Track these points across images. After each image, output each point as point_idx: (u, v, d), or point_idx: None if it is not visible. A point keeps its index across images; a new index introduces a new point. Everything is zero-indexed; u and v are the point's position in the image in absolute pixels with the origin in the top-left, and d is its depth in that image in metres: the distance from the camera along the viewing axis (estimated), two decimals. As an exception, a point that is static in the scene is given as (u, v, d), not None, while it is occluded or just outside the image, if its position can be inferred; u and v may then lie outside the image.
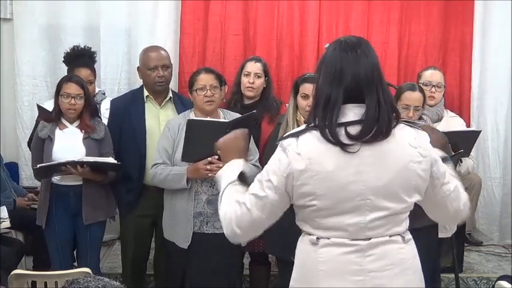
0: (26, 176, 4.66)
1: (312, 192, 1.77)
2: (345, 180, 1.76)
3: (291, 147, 1.78)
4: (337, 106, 1.77)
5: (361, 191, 1.77)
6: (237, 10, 4.79)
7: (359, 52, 1.80)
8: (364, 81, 1.78)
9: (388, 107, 1.79)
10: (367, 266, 1.80)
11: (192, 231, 3.08)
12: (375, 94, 1.78)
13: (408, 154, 1.80)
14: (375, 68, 1.81)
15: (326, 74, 1.83)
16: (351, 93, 1.78)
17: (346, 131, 1.75)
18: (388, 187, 1.78)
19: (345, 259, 1.80)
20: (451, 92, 4.72)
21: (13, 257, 3.71)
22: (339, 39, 1.88)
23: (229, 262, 3.14)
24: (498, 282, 2.93)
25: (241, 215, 1.81)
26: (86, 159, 3.19)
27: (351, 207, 1.78)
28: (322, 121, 1.78)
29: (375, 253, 1.81)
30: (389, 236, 1.83)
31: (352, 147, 1.75)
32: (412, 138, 1.82)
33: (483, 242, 4.82)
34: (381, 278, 1.81)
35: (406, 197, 1.82)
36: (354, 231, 1.80)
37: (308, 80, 3.14)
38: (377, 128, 1.75)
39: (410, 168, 1.79)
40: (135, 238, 3.55)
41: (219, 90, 3.15)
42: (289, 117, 3.16)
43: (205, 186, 3.10)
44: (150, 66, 3.47)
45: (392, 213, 1.81)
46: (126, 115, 3.50)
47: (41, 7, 4.70)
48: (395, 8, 4.90)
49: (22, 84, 4.72)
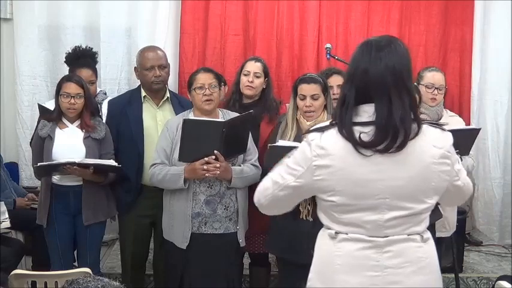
0: (26, 176, 4.66)
1: (332, 187, 1.81)
2: (364, 178, 1.79)
3: (315, 142, 1.82)
4: (350, 105, 1.80)
5: (380, 189, 1.79)
6: (237, 10, 4.79)
7: (374, 54, 1.80)
8: (373, 82, 1.78)
9: (405, 112, 1.76)
10: (384, 262, 1.82)
11: (191, 232, 3.08)
12: (386, 97, 1.77)
13: (431, 155, 1.81)
14: (392, 71, 1.78)
15: (346, 74, 1.90)
16: (363, 93, 1.80)
17: (359, 137, 1.76)
18: (408, 188, 1.80)
19: (362, 254, 1.83)
20: (451, 92, 4.71)
21: (13, 257, 3.71)
22: (367, 39, 1.90)
23: (228, 262, 3.15)
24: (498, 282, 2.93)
25: (266, 188, 1.93)
26: (87, 161, 3.19)
27: (369, 205, 1.80)
28: (339, 119, 1.82)
29: (392, 250, 1.83)
30: (408, 235, 1.85)
31: (365, 151, 1.77)
32: (436, 140, 1.83)
33: (483, 242, 4.83)
34: (397, 274, 1.83)
35: (426, 198, 1.83)
36: (371, 228, 1.82)
37: (305, 80, 3.14)
38: (390, 140, 1.75)
39: (432, 170, 1.81)
40: (134, 238, 3.55)
41: (217, 90, 3.16)
42: (289, 117, 3.17)
43: (204, 187, 3.10)
44: (146, 66, 3.47)
45: (411, 214, 1.83)
46: (123, 115, 3.49)
47: (41, 7, 4.70)
48: (395, 8, 4.90)
49: (22, 84, 4.72)
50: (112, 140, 3.41)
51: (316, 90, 3.11)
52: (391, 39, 1.87)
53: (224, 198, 3.12)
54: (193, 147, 2.97)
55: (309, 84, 3.11)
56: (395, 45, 1.83)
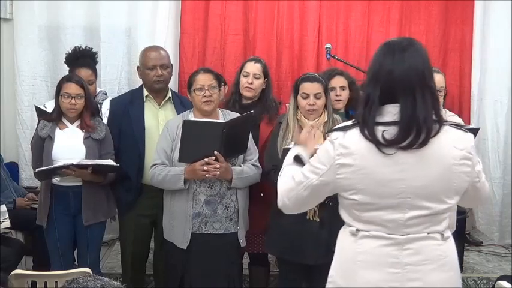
0: (26, 176, 4.66)
1: (354, 186, 1.84)
2: (386, 178, 1.81)
3: (338, 141, 1.85)
4: (374, 105, 1.83)
5: (402, 189, 1.82)
6: (237, 10, 4.80)
7: (398, 54, 1.84)
8: (398, 83, 1.81)
9: (428, 111, 1.81)
10: (404, 259, 1.86)
11: (191, 232, 3.08)
12: (411, 96, 1.80)
13: (452, 156, 1.84)
14: (415, 71, 1.82)
15: (368, 75, 1.91)
16: (387, 93, 1.82)
17: (382, 135, 1.79)
18: (429, 188, 1.83)
19: (383, 251, 1.86)
20: (451, 92, 4.71)
21: (13, 257, 3.71)
22: (387, 41, 1.94)
23: (228, 262, 3.15)
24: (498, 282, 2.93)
25: (290, 189, 1.96)
26: (85, 162, 3.18)
27: (391, 204, 1.83)
28: (362, 119, 1.84)
29: (412, 247, 1.86)
30: (428, 233, 1.88)
31: (389, 149, 1.80)
32: (457, 141, 1.86)
33: (483, 242, 4.83)
34: (417, 272, 1.86)
35: (447, 199, 1.86)
36: (392, 227, 1.85)
37: (308, 79, 3.13)
38: (414, 137, 1.78)
39: (454, 171, 1.84)
40: (134, 238, 3.54)
41: (217, 90, 3.15)
42: (290, 117, 3.16)
43: (204, 187, 3.10)
44: (149, 66, 3.47)
45: (432, 213, 1.86)
46: (125, 115, 3.49)
47: (41, 7, 4.71)
48: (396, 8, 4.91)
49: (22, 84, 4.72)
50: (113, 139, 3.41)
51: (319, 89, 3.11)
52: (411, 41, 1.92)
53: (224, 199, 3.12)
54: (193, 148, 2.97)
55: (312, 83, 3.11)
56: (417, 46, 1.89)
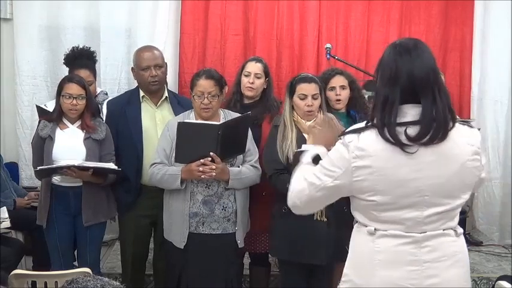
0: (26, 176, 4.66)
1: (372, 188, 1.85)
2: (405, 177, 1.83)
3: (353, 144, 1.86)
4: (394, 106, 1.84)
5: (420, 188, 1.84)
6: (237, 10, 4.80)
7: (413, 54, 1.86)
8: (419, 82, 1.84)
9: (445, 108, 1.85)
10: (423, 256, 1.88)
11: (188, 231, 3.08)
12: (431, 95, 1.84)
13: (466, 153, 1.88)
14: (430, 69, 1.86)
15: (383, 77, 1.90)
16: (407, 93, 1.84)
17: (405, 133, 1.81)
18: (447, 185, 1.86)
19: (402, 250, 1.88)
20: (451, 92, 4.69)
21: (13, 257, 3.71)
22: (394, 42, 1.95)
23: (226, 263, 3.14)
24: (498, 282, 2.93)
25: (302, 190, 1.97)
26: (86, 164, 3.18)
27: (409, 203, 1.85)
28: (381, 121, 1.84)
29: (429, 245, 1.88)
30: (443, 230, 1.90)
31: (411, 148, 1.82)
32: (468, 137, 1.90)
33: (483, 242, 4.83)
34: (435, 268, 1.88)
35: (462, 194, 1.90)
36: (411, 225, 1.87)
37: (305, 80, 3.12)
38: (434, 131, 1.81)
39: (468, 166, 1.87)
40: (134, 238, 3.54)
41: (217, 98, 3.13)
42: (286, 118, 3.14)
43: (201, 187, 3.10)
44: (142, 67, 3.46)
45: (448, 209, 1.89)
46: (122, 116, 3.49)
47: (41, 7, 4.71)
48: (396, 8, 4.91)
49: (22, 84, 4.72)
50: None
51: (316, 89, 3.11)
52: (416, 41, 1.94)
53: (222, 199, 3.11)
54: (189, 149, 2.98)
55: (309, 84, 3.10)
56: (425, 45, 1.92)
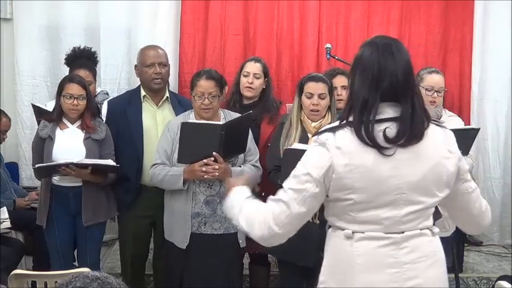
0: (26, 176, 4.66)
1: (351, 185, 1.81)
2: (383, 175, 1.81)
3: (330, 141, 1.82)
4: (374, 107, 1.82)
5: (397, 185, 1.82)
6: (237, 10, 4.79)
7: (396, 55, 1.84)
8: (401, 84, 1.83)
9: (421, 108, 1.85)
10: (402, 258, 1.85)
11: (190, 232, 3.08)
12: (410, 95, 1.83)
13: (440, 150, 1.87)
14: (409, 68, 1.86)
15: (363, 78, 1.85)
16: (387, 95, 1.83)
17: (384, 134, 1.79)
18: (423, 182, 1.84)
19: (381, 252, 1.85)
20: (451, 92, 4.71)
21: (13, 257, 3.72)
22: (373, 41, 1.91)
23: (228, 263, 3.14)
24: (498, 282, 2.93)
25: (280, 212, 1.84)
26: (85, 161, 3.18)
27: (387, 201, 1.83)
28: (359, 121, 1.82)
29: (408, 245, 1.86)
30: (420, 230, 1.88)
31: (389, 151, 1.80)
32: (442, 136, 1.89)
33: (483, 242, 4.82)
34: (415, 269, 1.86)
35: (438, 192, 1.88)
36: (389, 224, 1.84)
37: (313, 79, 3.14)
38: (411, 132, 1.81)
39: (443, 164, 1.86)
40: (134, 238, 3.55)
41: (217, 99, 3.13)
42: (293, 116, 3.16)
43: (203, 187, 3.10)
44: (147, 63, 3.48)
45: (424, 208, 1.87)
46: (123, 115, 3.49)
47: (41, 7, 4.71)
48: (396, 8, 4.90)
49: (22, 84, 4.72)
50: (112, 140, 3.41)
51: (323, 89, 3.11)
52: (396, 40, 1.92)
53: (224, 199, 3.11)
54: (191, 149, 2.98)
55: (317, 83, 3.11)
56: (403, 46, 1.90)
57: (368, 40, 1.94)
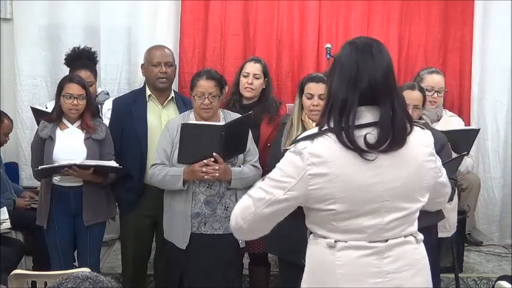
0: (26, 176, 4.66)
1: (332, 195, 1.75)
2: (364, 183, 1.75)
3: (307, 150, 1.75)
4: (353, 110, 1.76)
5: (380, 192, 1.77)
6: (237, 10, 4.79)
7: (376, 57, 1.79)
8: (379, 86, 1.77)
9: (402, 112, 1.79)
10: (386, 267, 1.80)
11: (190, 232, 3.08)
12: (390, 98, 1.78)
13: (422, 154, 1.83)
14: (390, 71, 1.81)
15: (342, 77, 1.80)
16: (366, 96, 1.77)
17: (365, 140, 1.74)
18: (405, 188, 1.79)
19: (364, 262, 1.79)
20: (451, 92, 4.71)
21: (13, 257, 3.72)
22: (353, 41, 1.86)
23: (228, 263, 3.14)
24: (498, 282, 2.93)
25: (246, 207, 1.82)
26: (87, 163, 3.18)
27: (369, 209, 1.77)
28: (339, 125, 1.76)
29: (392, 255, 1.81)
30: (404, 237, 1.83)
31: (370, 155, 1.74)
32: (422, 138, 1.85)
33: (483, 242, 4.82)
34: (399, 278, 1.81)
35: (420, 197, 1.84)
36: (372, 233, 1.79)
37: (314, 79, 3.14)
38: (393, 138, 1.75)
39: (425, 168, 1.82)
40: (135, 238, 3.55)
41: (217, 99, 3.13)
42: (294, 117, 3.16)
43: (203, 187, 3.10)
44: (153, 62, 3.50)
45: (408, 214, 1.82)
46: (128, 114, 3.50)
47: (41, 7, 4.70)
48: (395, 8, 4.90)
49: (22, 84, 4.72)
50: (114, 139, 3.41)
51: (323, 90, 3.10)
52: (377, 41, 1.86)
53: (224, 199, 3.12)
54: (192, 150, 2.98)
55: (317, 84, 3.11)
56: (384, 47, 1.84)
57: (348, 40, 1.89)
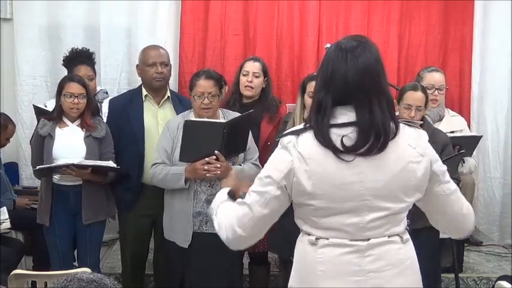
0: (26, 176, 4.66)
1: (311, 191, 1.76)
2: (344, 181, 1.74)
3: (291, 145, 1.77)
4: (328, 110, 1.76)
5: (360, 191, 1.75)
6: (237, 10, 4.79)
7: (351, 55, 1.76)
8: (352, 86, 1.75)
9: (385, 115, 1.75)
10: (366, 266, 1.79)
11: (192, 231, 3.08)
12: (367, 100, 1.75)
13: (408, 155, 1.78)
14: (368, 72, 1.76)
15: (320, 77, 1.83)
16: (340, 96, 1.76)
17: (341, 142, 1.73)
18: (387, 188, 1.77)
19: (344, 260, 1.79)
20: (451, 92, 4.71)
21: (13, 257, 3.72)
22: (339, 41, 1.85)
23: (229, 262, 3.14)
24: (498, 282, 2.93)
25: (243, 215, 1.80)
26: (85, 163, 3.19)
27: (350, 208, 1.76)
28: (316, 124, 1.77)
29: (373, 253, 1.79)
30: (388, 237, 1.81)
31: (347, 156, 1.73)
32: (411, 139, 1.81)
33: (483, 242, 4.82)
34: (379, 278, 1.79)
35: (405, 197, 1.80)
36: (353, 231, 1.78)
37: (315, 78, 3.14)
38: (372, 142, 1.73)
39: (410, 169, 1.78)
40: (134, 238, 3.55)
41: (217, 98, 3.14)
42: (296, 116, 3.18)
43: (205, 186, 3.10)
44: (148, 63, 3.49)
45: (391, 213, 1.79)
46: (124, 114, 3.51)
47: (41, 7, 4.70)
48: (396, 8, 4.90)
49: (22, 84, 4.72)
50: (113, 139, 3.41)
51: None
52: (363, 40, 1.83)
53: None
54: (193, 147, 2.98)
55: None
56: (369, 46, 1.80)
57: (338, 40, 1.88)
